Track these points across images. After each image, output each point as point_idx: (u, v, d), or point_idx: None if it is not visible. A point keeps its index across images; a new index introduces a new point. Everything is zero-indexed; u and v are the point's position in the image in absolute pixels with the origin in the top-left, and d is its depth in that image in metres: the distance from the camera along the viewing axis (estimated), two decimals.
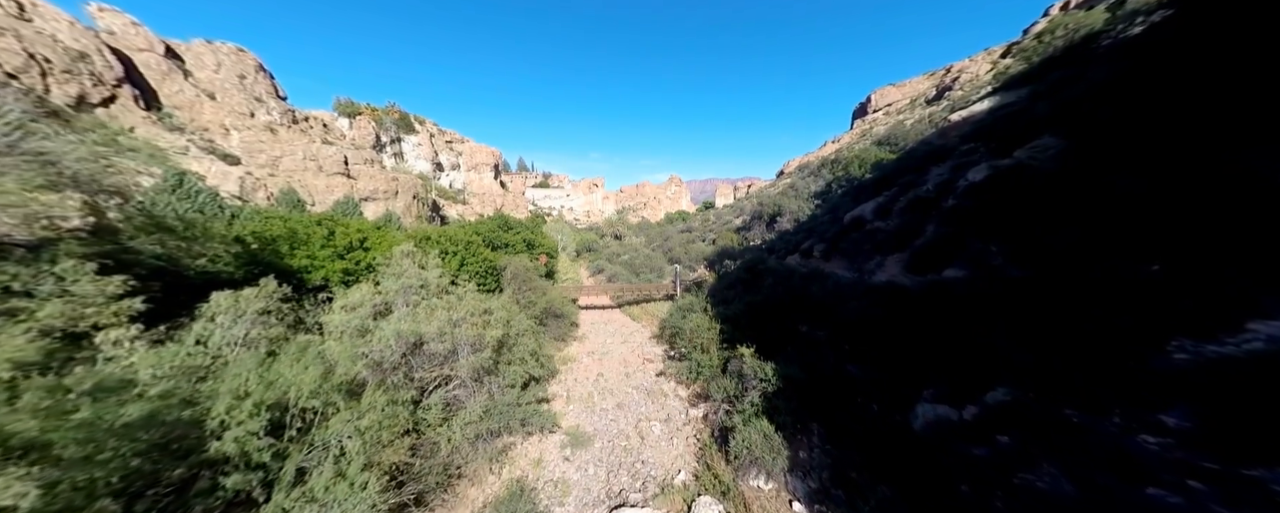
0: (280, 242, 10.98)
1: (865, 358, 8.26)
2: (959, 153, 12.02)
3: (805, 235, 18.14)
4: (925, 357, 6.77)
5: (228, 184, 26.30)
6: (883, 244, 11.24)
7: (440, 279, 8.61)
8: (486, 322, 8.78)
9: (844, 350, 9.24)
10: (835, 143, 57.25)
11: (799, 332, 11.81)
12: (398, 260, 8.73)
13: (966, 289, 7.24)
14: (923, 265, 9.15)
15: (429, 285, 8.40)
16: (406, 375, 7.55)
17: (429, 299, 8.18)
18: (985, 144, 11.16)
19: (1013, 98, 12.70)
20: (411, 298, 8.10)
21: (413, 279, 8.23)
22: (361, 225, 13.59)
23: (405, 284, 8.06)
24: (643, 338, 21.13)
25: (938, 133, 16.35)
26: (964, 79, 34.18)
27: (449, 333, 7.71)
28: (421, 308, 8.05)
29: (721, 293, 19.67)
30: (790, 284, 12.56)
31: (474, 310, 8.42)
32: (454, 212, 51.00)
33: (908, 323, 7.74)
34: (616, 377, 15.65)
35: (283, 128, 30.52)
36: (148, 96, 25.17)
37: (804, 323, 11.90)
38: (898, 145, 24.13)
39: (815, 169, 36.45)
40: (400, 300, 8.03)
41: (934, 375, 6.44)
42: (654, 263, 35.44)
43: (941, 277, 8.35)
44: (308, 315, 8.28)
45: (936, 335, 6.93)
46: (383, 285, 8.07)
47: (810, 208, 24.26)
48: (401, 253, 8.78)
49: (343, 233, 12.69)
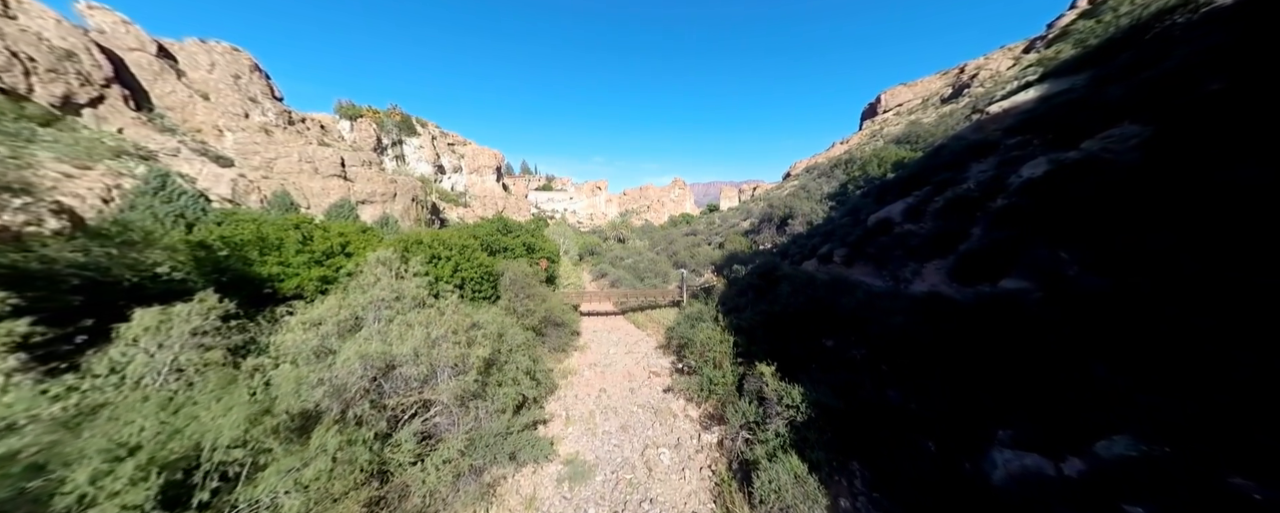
0: (248, 247, 9.91)
1: (910, 383, 7.05)
2: (1005, 147, 10.82)
3: (823, 239, 16.92)
4: (994, 387, 5.57)
5: (219, 187, 25.46)
6: (918, 249, 10.04)
7: (418, 291, 7.51)
8: (472, 339, 7.66)
9: (881, 372, 8.03)
10: (844, 144, 55.98)
11: (824, 348, 10.61)
12: (371, 269, 7.63)
13: (1039, 304, 6.03)
14: (972, 274, 7.95)
15: (405, 298, 7.30)
16: (376, 404, 6.42)
17: (405, 313, 7.07)
18: (1039, 136, 9.96)
19: (1066, 85, 11.49)
20: (384, 313, 7.01)
21: (385, 291, 7.13)
22: (343, 228, 12.55)
23: (376, 297, 6.96)
24: (648, 348, 19.93)
25: (972, 127, 15.19)
26: (983, 76, 32.90)
27: (426, 354, 6.59)
28: (396, 324, 6.94)
29: (732, 300, 18.46)
30: (812, 293, 11.36)
31: (457, 327, 7.31)
32: (454, 214, 50.14)
33: (963, 343, 6.53)
34: (620, 393, 14.47)
35: (278, 129, 29.75)
36: (138, 97, 24.43)
37: (829, 337, 10.69)
38: (919, 143, 22.89)
39: (826, 170, 35.22)
40: (371, 315, 6.93)
41: (1011, 412, 5.22)
42: (658, 267, 34.28)
43: (998, 288, 7.15)
44: (268, 333, 7.19)
45: (1005, 360, 5.72)
46: (351, 298, 6.97)
47: (824, 210, 23.05)
48: (376, 261, 7.70)
49: (321, 237, 11.62)
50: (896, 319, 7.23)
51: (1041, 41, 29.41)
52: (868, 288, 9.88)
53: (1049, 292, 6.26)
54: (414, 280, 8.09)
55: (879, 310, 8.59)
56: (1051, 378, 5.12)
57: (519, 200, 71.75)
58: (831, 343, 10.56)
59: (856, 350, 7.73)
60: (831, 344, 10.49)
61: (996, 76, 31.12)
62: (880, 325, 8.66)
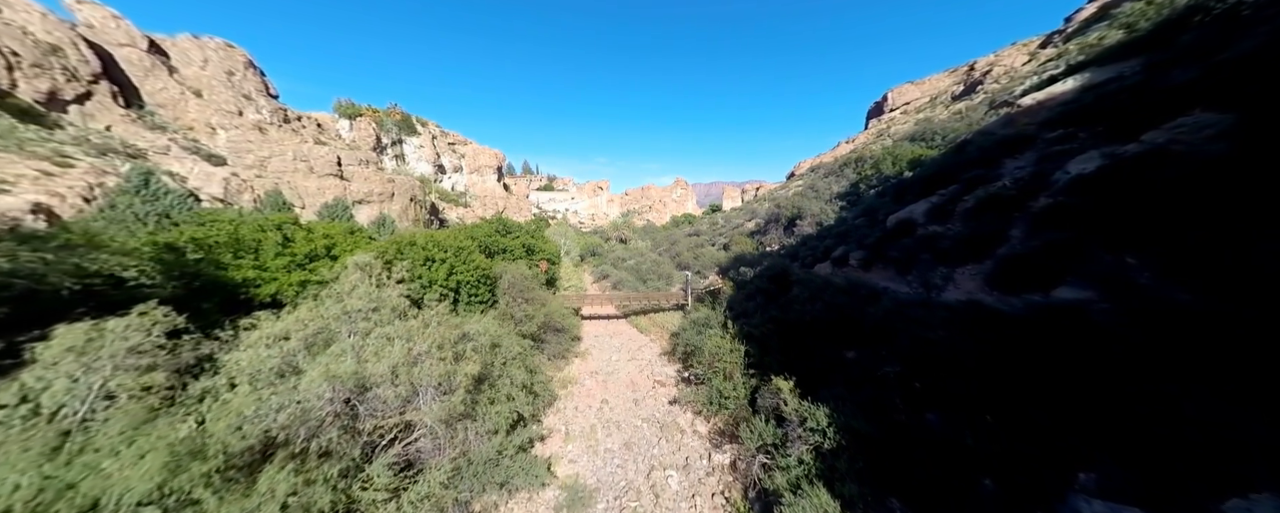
0: (221, 249, 9.13)
1: (953, 406, 6.20)
2: (1043, 142, 9.96)
3: (836, 241, 16.07)
4: (1066, 416, 4.72)
5: (211, 186, 24.78)
6: (948, 253, 9.20)
7: (399, 300, 6.71)
8: (460, 353, 6.85)
9: (914, 390, 7.19)
10: (850, 143, 55.05)
11: (846, 360, 9.77)
12: (347, 275, 6.83)
13: (1109, 318, 5.19)
14: (1016, 281, 7.12)
15: (384, 308, 6.50)
16: (348, 429, 5.61)
17: (384, 326, 6.27)
18: (1086, 128, 9.10)
19: (1111, 73, 10.63)
20: (360, 325, 6.21)
21: (363, 300, 6.33)
22: (329, 229, 11.77)
23: (351, 308, 6.16)
24: (652, 354, 19.10)
25: (1000, 122, 14.31)
26: (997, 72, 31.99)
27: (405, 373, 5.78)
28: (373, 338, 6.13)
29: (741, 305, 17.61)
30: (830, 299, 10.53)
31: (443, 340, 6.51)
32: (454, 215, 49.46)
33: (1018, 361, 5.69)
34: (623, 404, 13.64)
35: (273, 127, 29.08)
36: (128, 94, 23.78)
37: (851, 348, 9.85)
38: (935, 140, 21.98)
39: (835, 169, 34.33)
40: (345, 328, 6.13)
41: (1093, 449, 4.37)
42: (661, 269, 33.45)
43: (1052, 298, 6.31)
44: (232, 347, 6.39)
45: (1077, 385, 4.88)
46: (323, 309, 6.17)
47: (834, 210, 22.19)
48: (353, 266, 6.90)
49: (304, 238, 10.84)
50: (937, 333, 6.38)
51: (1059, 36, 28.46)
52: (894, 295, 9.03)
53: (1119, 303, 5.41)
54: (397, 288, 7.28)
55: (910, 321, 7.75)
56: (1143, 409, 4.27)
57: (520, 200, 71.07)
58: (854, 355, 9.72)
59: (889, 366, 6.87)
60: (854, 356, 9.65)
61: (1012, 72, 30.16)
62: (910, 337, 7.81)
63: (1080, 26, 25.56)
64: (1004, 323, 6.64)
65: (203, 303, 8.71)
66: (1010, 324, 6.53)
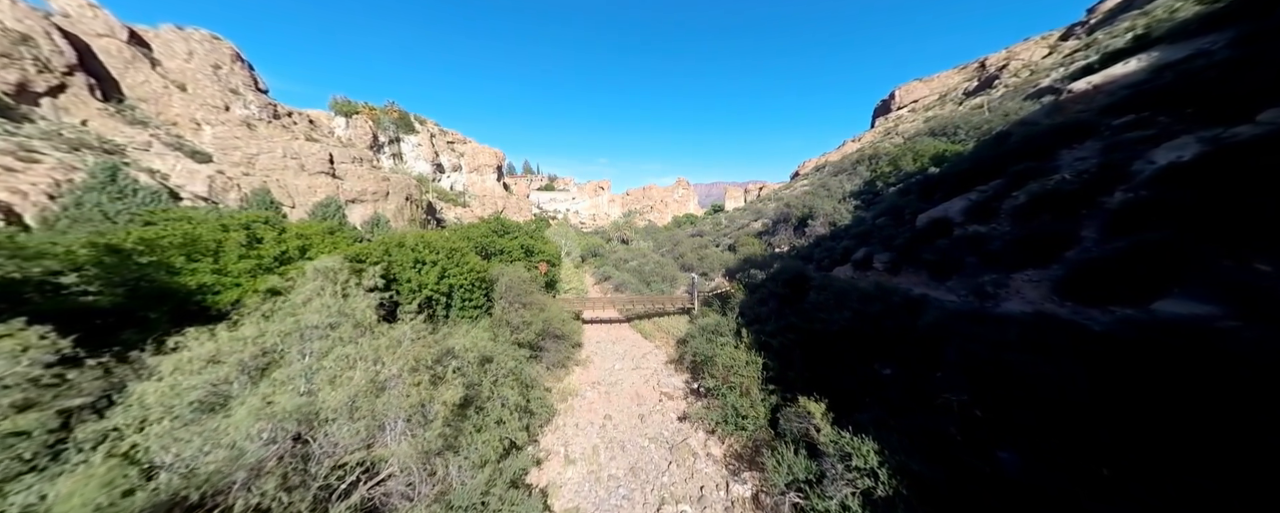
0: (172, 252, 7.99)
1: (1032, 443, 5.08)
2: (1110, 128, 8.84)
3: (856, 242, 14.95)
4: (1186, 463, 3.59)
5: (195, 184, 23.67)
6: (999, 256, 8.09)
7: (366, 314, 5.59)
8: (439, 375, 5.72)
9: (975, 418, 6.07)
10: (856, 142, 53.92)
11: (881, 378, 8.64)
12: (307, 283, 5.71)
13: (1247, 340, 4.06)
14: (1096, 290, 6.02)
15: (346, 323, 5.39)
16: (297, 472, 4.48)
17: (346, 344, 5.15)
18: (1167, 112, 7.98)
19: (1188, 50, 9.48)
20: (315, 345, 5.09)
21: (320, 313, 5.22)
22: (304, 229, 10.66)
23: (303, 323, 5.05)
24: (657, 362, 17.97)
25: (1045, 110, 13.15)
26: (1015, 66, 30.84)
27: (367, 404, 4.66)
28: (332, 359, 5.01)
29: (753, 310, 16.49)
30: (859, 307, 9.40)
31: (417, 361, 5.38)
32: (452, 215, 48.37)
33: (1111, 388, 4.58)
34: (628, 420, 12.52)
35: (261, 123, 27.99)
36: (106, 87, 22.68)
37: (886, 363, 8.72)
38: (958, 135, 20.82)
39: (846, 167, 33.17)
40: (296, 348, 5.01)
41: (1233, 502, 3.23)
42: (665, 271, 32.32)
43: (1152, 312, 5.18)
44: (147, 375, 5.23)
45: (1199, 421, 3.75)
46: (270, 325, 5.06)
47: (848, 209, 21.07)
48: (314, 271, 5.79)
49: (274, 239, 9.70)
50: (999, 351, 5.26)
51: (1082, 28, 27.33)
52: (939, 305, 7.90)
53: (1253, 320, 4.29)
54: (367, 298, 6.15)
55: (962, 335, 6.61)
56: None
57: (520, 200, 69.99)
58: (891, 372, 8.59)
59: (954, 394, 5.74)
60: (891, 374, 8.52)
61: (1031, 66, 29.02)
62: (962, 353, 6.68)
63: (1105, 17, 24.43)
64: (1088, 341, 5.50)
65: (150, 313, 7.60)
66: (1096, 343, 5.39)
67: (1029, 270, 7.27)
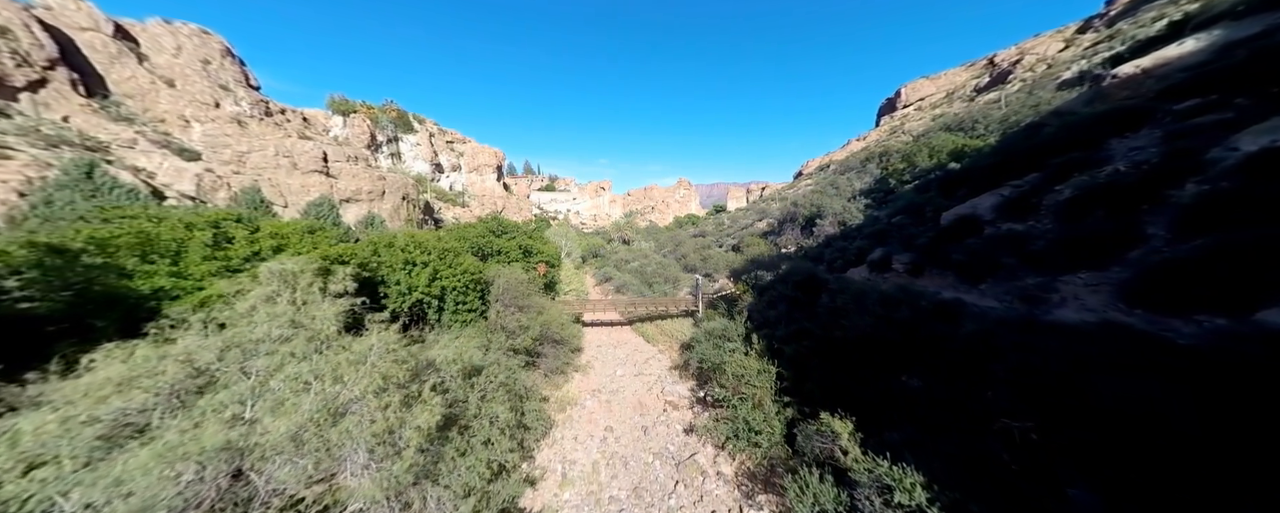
0: (123, 252, 7.18)
1: (1118, 483, 4.23)
2: (1170, 113, 8.00)
3: (871, 241, 14.10)
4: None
5: (182, 182, 22.91)
6: (1044, 257, 7.27)
7: (326, 325, 4.78)
8: (413, 395, 4.90)
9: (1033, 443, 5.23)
10: (861, 141, 53.07)
11: (909, 390, 7.81)
12: (261, 288, 4.90)
13: None
14: (1174, 297, 5.18)
15: (301, 335, 4.58)
16: None
17: (299, 361, 4.33)
18: (1246, 93, 7.14)
19: (1259, 26, 8.65)
20: (259, 362, 4.28)
21: (269, 325, 4.41)
22: (280, 228, 9.87)
23: (244, 337, 4.24)
24: (660, 368, 17.16)
25: (1084, 97, 12.28)
26: (1029, 61, 29.97)
27: (316, 437, 3.84)
28: (281, 380, 4.18)
29: (762, 314, 15.66)
30: (883, 313, 8.58)
31: (385, 379, 4.57)
32: (451, 215, 47.62)
33: (1215, 418, 3.74)
34: (631, 433, 11.68)
35: (253, 120, 27.25)
36: (90, 82, 21.95)
37: (914, 374, 7.88)
38: (976, 129, 19.94)
39: (854, 165, 32.30)
40: (236, 366, 4.20)
41: None
42: (667, 271, 31.52)
43: (1259, 324, 4.35)
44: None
45: None
46: (210, 339, 4.25)
47: (859, 208, 20.23)
48: (268, 275, 4.99)
49: (245, 239, 8.89)
50: (1079, 371, 4.42)
51: (1100, 20, 26.46)
52: (975, 311, 7.07)
53: None
54: (334, 305, 5.33)
55: (1014, 348, 5.77)
56: None
57: (521, 200, 69.24)
58: (920, 384, 7.76)
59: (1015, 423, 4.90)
60: (921, 386, 7.68)
61: (1047, 60, 28.13)
62: (1016, 368, 5.83)
63: (1127, 7, 23.58)
64: (1172, 356, 4.65)
65: (97, 321, 6.81)
66: (1183, 358, 4.55)
67: (1083, 273, 6.45)
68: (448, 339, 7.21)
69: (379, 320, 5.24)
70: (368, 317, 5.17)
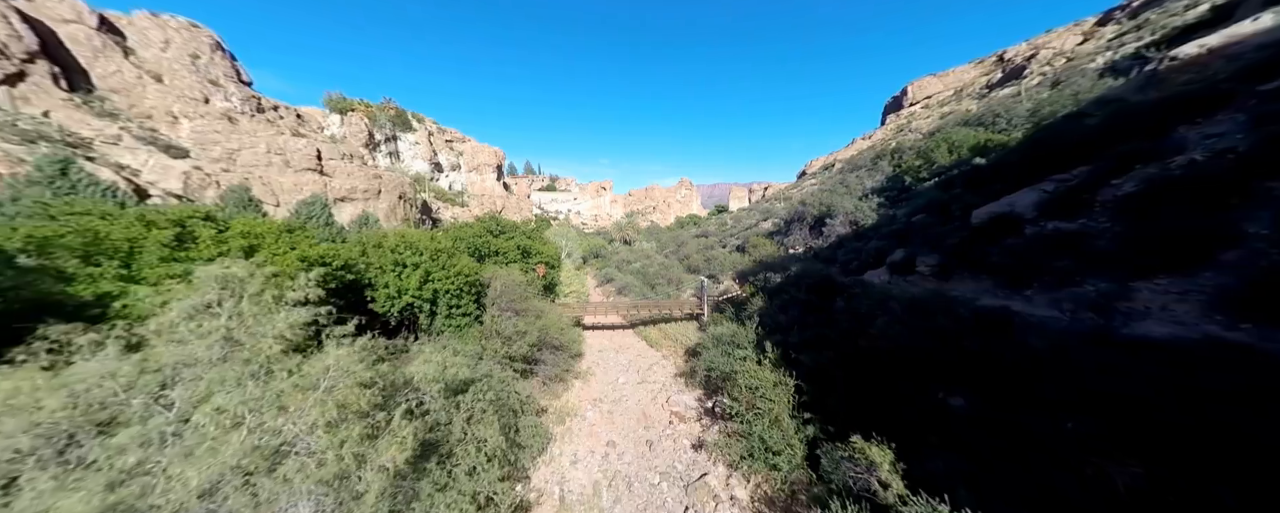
0: (63, 253, 6.35)
1: None
2: (1255, 95, 7.13)
3: (890, 242, 13.24)
4: None
5: (168, 180, 22.13)
6: (1108, 259, 6.41)
7: (270, 344, 3.93)
8: (377, 427, 4.05)
9: (1140, 492, 4.36)
10: (867, 139, 52.17)
11: (949, 409, 6.95)
12: (193, 295, 4.06)
13: None
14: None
15: (236, 355, 3.74)
16: None
17: (231, 390, 3.48)
18: None
19: None
20: (176, 392, 3.44)
21: (191, 345, 3.57)
22: (252, 226, 9.03)
23: (162, 360, 3.40)
24: (665, 375, 16.30)
25: (1135, 83, 11.37)
26: (1045, 55, 29.05)
27: (245, 489, 2.98)
28: (206, 413, 3.33)
29: (773, 318, 14.80)
30: (915, 321, 7.72)
31: (342, 408, 3.72)
32: (449, 214, 46.82)
33: None
34: (634, 448, 10.82)
35: (244, 117, 26.46)
36: (73, 76, 21.19)
37: (959, 392, 7.01)
38: (999, 124, 19.01)
39: (863, 163, 31.39)
40: (147, 398, 3.35)
41: None
42: (670, 273, 30.65)
43: None
44: None
45: None
46: (104, 363, 3.40)
47: (872, 207, 19.36)
48: (206, 281, 4.14)
49: (211, 239, 8.05)
50: (1214, 411, 3.56)
51: (1123, 12, 25.55)
52: (1033, 322, 6.20)
53: None
54: (290, 315, 4.48)
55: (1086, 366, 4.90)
56: None
57: (521, 200, 68.42)
58: (962, 404, 6.89)
59: (1119, 470, 4.04)
60: (963, 406, 6.82)
61: (1065, 54, 27.19)
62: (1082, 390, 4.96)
63: None
64: None
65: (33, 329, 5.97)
66: None
67: (1161, 278, 5.60)
68: (430, 350, 6.36)
69: (341, 335, 4.43)
70: (327, 331, 4.33)
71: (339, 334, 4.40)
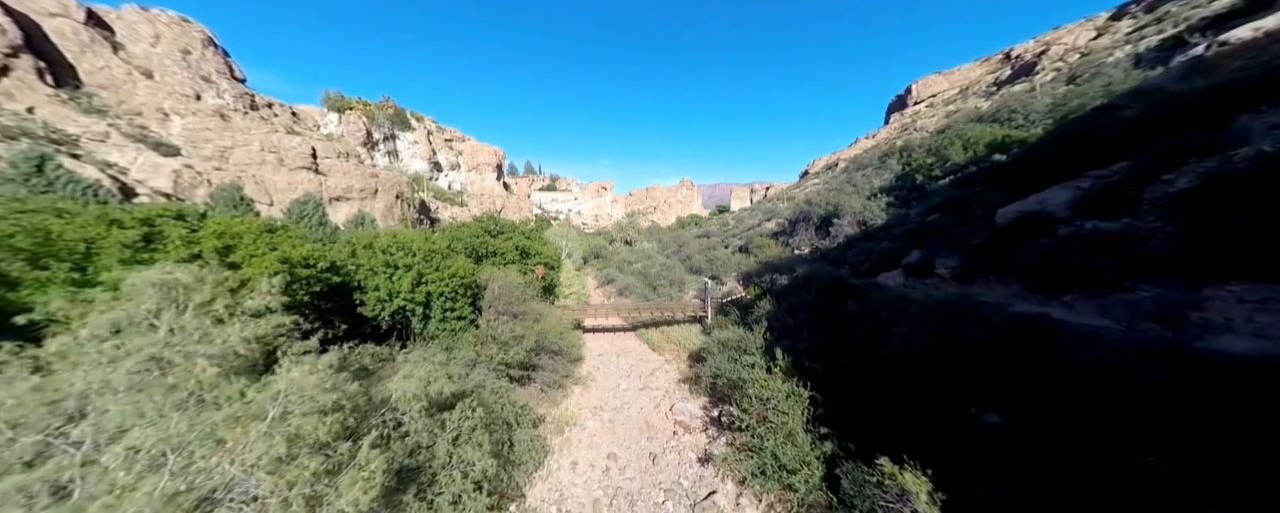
0: (6, 255, 5.74)
1: None
2: None
3: (903, 243, 12.60)
4: None
5: (158, 179, 21.56)
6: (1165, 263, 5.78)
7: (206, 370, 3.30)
8: (339, 463, 3.43)
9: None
10: (871, 138, 51.50)
11: (984, 427, 6.33)
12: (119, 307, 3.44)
13: None
14: None
15: (161, 381, 3.12)
16: None
17: (152, 423, 2.87)
18: None
19: None
20: (80, 428, 2.83)
21: (106, 369, 2.96)
22: (228, 225, 8.43)
23: (54, 389, 2.78)
24: (668, 380, 15.65)
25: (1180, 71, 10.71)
26: (1057, 51, 28.37)
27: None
28: (117, 453, 2.70)
29: (781, 322, 14.18)
30: (948, 330, 7.09)
31: (292, 444, 3.10)
32: (448, 214, 46.25)
33: None
34: (637, 462, 10.18)
35: (237, 114, 25.89)
36: (59, 71, 20.62)
37: (996, 408, 6.38)
38: (1016, 119, 18.36)
39: (868, 162, 30.73)
40: (31, 438, 2.74)
41: None
42: (672, 274, 30.02)
43: None
44: None
45: None
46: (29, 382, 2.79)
47: (881, 206, 18.72)
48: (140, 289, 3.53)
49: (181, 239, 7.46)
50: None
51: (1138, 6, 24.87)
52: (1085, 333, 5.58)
53: None
54: (246, 328, 3.86)
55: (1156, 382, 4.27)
56: None
57: (521, 200, 67.83)
58: (999, 421, 6.26)
59: None
60: (1000, 424, 6.19)
61: (1079, 49, 26.50)
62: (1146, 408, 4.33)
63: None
64: None
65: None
66: None
67: (1234, 285, 4.98)
68: (412, 365, 5.73)
69: (301, 351, 3.82)
70: (284, 348, 3.71)
71: (298, 351, 3.78)
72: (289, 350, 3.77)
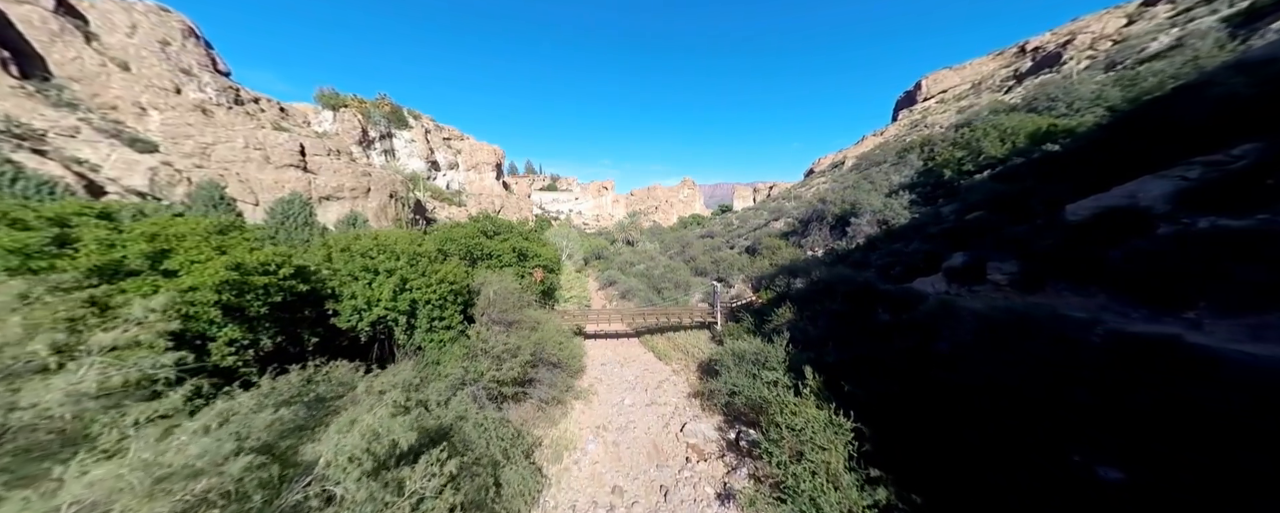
0: None
1: None
2: None
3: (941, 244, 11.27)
4: None
5: (132, 177, 20.33)
6: None
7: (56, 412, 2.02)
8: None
9: None
10: (879, 135, 50.09)
11: (1100, 484, 5.02)
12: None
13: None
14: None
15: None
16: None
17: None
18: None
19: None
20: None
21: None
22: (165, 226, 7.12)
23: None
24: (677, 394, 14.33)
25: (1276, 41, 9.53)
26: (1084, 40, 26.95)
27: None
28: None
29: (803, 331, 12.84)
30: (1023, 347, 5.77)
31: None
32: (445, 214, 44.96)
33: None
34: (646, 498, 8.79)
35: (220, 108, 24.63)
36: (26, 62, 19.36)
37: (1113, 458, 5.06)
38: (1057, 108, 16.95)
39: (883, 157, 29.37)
40: None
41: None
42: (676, 276, 28.72)
43: None
44: None
45: None
46: None
47: (903, 204, 17.38)
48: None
49: (99, 242, 6.14)
50: None
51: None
52: (1233, 357, 4.27)
53: None
54: (72, 379, 2.52)
55: None
56: None
57: (521, 200, 66.57)
58: (1119, 478, 4.93)
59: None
60: (1122, 479, 4.87)
61: (1111, 36, 25.07)
62: None
63: None
64: None
65: None
66: None
67: None
68: (359, 408, 4.40)
69: (164, 410, 2.54)
70: (108, 423, 2.36)
71: (144, 415, 2.43)
72: (117, 424, 2.40)
